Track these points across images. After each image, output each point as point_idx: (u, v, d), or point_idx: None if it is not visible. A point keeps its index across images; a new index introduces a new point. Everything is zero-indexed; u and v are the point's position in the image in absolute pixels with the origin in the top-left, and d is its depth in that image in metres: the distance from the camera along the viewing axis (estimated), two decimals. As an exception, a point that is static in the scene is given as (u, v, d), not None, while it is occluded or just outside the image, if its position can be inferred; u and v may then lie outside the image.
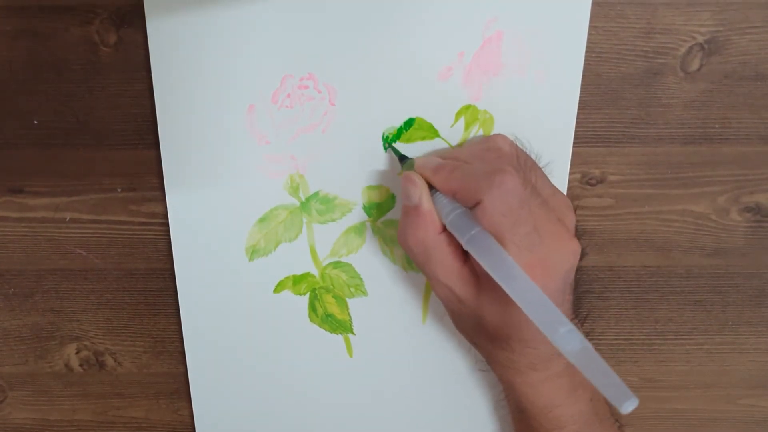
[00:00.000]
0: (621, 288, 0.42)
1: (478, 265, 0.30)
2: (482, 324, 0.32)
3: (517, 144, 0.35)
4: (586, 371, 0.26)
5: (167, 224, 0.39)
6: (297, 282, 0.40)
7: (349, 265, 0.40)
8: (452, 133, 0.37)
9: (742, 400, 0.45)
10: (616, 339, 0.43)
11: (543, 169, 0.34)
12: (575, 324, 0.32)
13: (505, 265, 0.29)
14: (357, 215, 0.39)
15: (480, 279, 0.32)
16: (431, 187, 0.33)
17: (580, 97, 0.36)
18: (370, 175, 0.38)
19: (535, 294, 0.28)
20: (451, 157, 0.33)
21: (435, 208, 0.32)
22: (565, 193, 0.38)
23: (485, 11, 0.34)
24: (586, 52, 0.35)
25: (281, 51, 0.35)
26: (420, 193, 0.32)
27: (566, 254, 0.31)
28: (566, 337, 0.26)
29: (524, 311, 0.28)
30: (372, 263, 0.40)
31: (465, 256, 0.32)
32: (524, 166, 0.33)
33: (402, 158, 0.36)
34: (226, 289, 0.40)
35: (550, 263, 0.30)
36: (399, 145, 0.37)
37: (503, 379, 0.35)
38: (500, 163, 0.32)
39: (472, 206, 0.31)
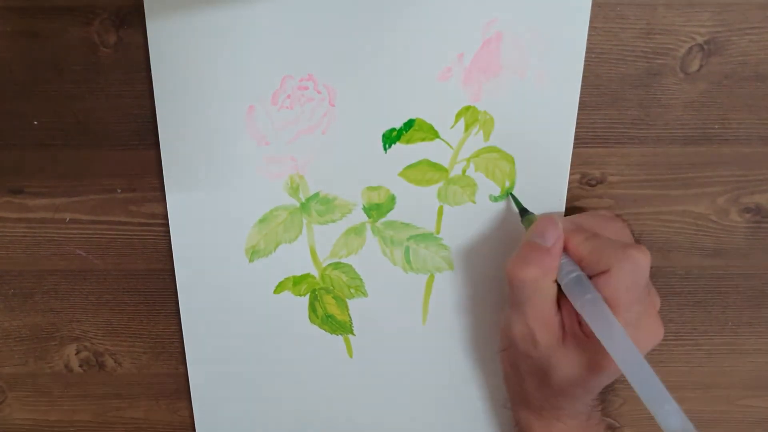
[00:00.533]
0: (621, 289, 0.42)
1: (568, 320, 0.33)
2: (545, 371, 0.33)
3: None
4: None
5: (167, 225, 0.39)
6: (297, 283, 0.40)
7: (349, 266, 0.40)
8: (452, 135, 0.37)
9: (741, 401, 0.45)
10: (615, 339, 0.43)
11: None
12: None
13: (618, 336, 0.29)
14: (357, 216, 0.39)
15: (566, 334, 0.33)
16: None
17: (579, 97, 0.36)
18: (370, 176, 0.38)
19: (643, 368, 0.29)
20: (579, 223, 0.35)
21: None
22: (564, 197, 0.38)
23: (485, 12, 0.34)
24: (586, 52, 0.35)
25: (281, 52, 0.35)
26: (557, 238, 0.33)
27: (655, 339, 0.33)
28: (670, 416, 0.27)
29: (631, 383, 0.29)
30: (372, 264, 0.40)
31: (558, 307, 0.33)
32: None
33: (523, 211, 0.37)
34: (226, 290, 0.40)
35: (642, 344, 0.32)
36: (399, 146, 0.37)
37: (523, 421, 0.37)
38: (630, 243, 0.33)
39: (594, 274, 0.32)
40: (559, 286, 0.33)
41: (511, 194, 0.38)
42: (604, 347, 0.30)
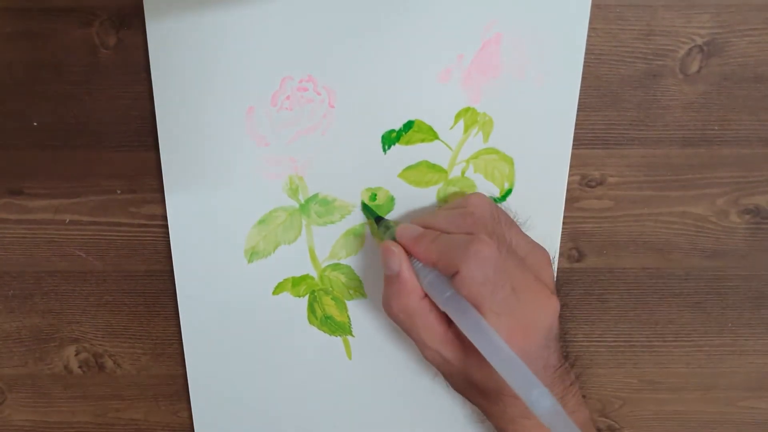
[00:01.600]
0: (620, 290, 0.42)
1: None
2: (472, 382, 0.33)
3: (493, 202, 0.35)
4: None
5: (167, 226, 0.39)
6: (296, 284, 0.40)
7: (348, 267, 0.40)
8: (451, 136, 0.37)
9: (741, 402, 0.45)
10: (615, 341, 0.43)
11: (522, 226, 0.35)
12: (564, 369, 0.33)
13: (480, 329, 0.30)
14: (356, 217, 0.39)
15: (466, 340, 0.32)
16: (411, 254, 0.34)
17: (579, 98, 0.36)
18: (369, 177, 0.38)
19: (508, 356, 0.29)
20: (430, 224, 0.34)
21: (415, 275, 0.33)
22: (563, 198, 0.38)
23: (484, 14, 0.34)
24: (586, 54, 0.35)
25: (280, 53, 0.35)
26: (399, 262, 0.33)
27: (546, 313, 0.32)
28: (539, 398, 0.28)
29: (499, 373, 0.29)
30: (371, 265, 0.40)
31: (448, 321, 0.33)
32: (501, 226, 0.33)
33: (378, 219, 0.37)
34: (225, 291, 0.40)
35: (530, 324, 0.32)
36: (399, 148, 0.37)
37: (498, 427, 0.36)
38: (476, 228, 0.32)
39: (451, 275, 0.31)
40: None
41: (363, 203, 0.38)
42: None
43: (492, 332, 0.29)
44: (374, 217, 0.37)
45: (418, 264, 0.33)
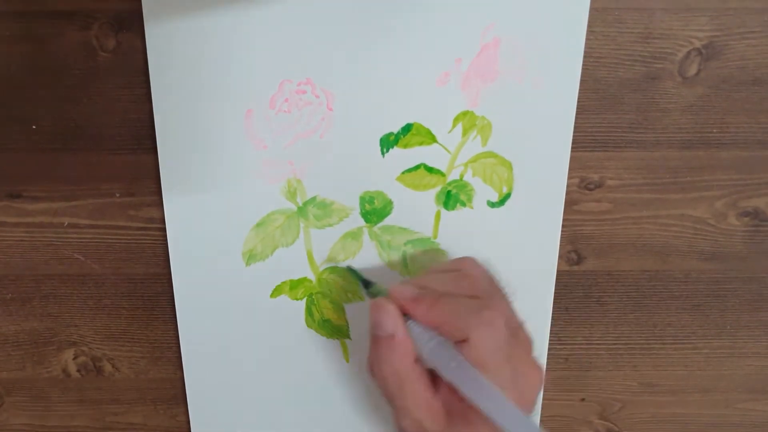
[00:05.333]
0: (619, 292, 0.42)
1: (449, 396, 0.31)
2: None
3: (486, 268, 0.34)
4: None
5: (165, 229, 0.39)
6: (294, 287, 0.40)
7: (347, 270, 0.40)
8: (450, 139, 0.37)
9: (740, 404, 0.45)
10: (614, 343, 0.43)
11: (511, 297, 0.34)
12: None
13: (494, 399, 0.29)
14: (354, 220, 0.39)
15: (451, 410, 0.31)
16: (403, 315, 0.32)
17: (578, 101, 0.36)
18: (368, 180, 0.38)
19: (527, 424, 0.28)
20: (424, 285, 0.32)
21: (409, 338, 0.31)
22: (562, 201, 0.38)
23: (483, 18, 0.34)
24: (585, 57, 0.36)
25: (279, 56, 0.35)
26: (395, 323, 0.31)
27: (537, 384, 0.32)
28: None
29: None
30: (369, 268, 0.40)
31: (434, 387, 0.31)
32: (497, 295, 0.33)
33: (366, 283, 0.36)
34: (223, 294, 0.40)
35: (524, 397, 0.31)
36: (397, 150, 0.37)
37: None
38: (475, 290, 0.32)
39: (455, 341, 0.30)
40: None
41: (349, 267, 0.38)
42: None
43: (508, 402, 0.29)
44: (361, 281, 0.37)
45: (415, 328, 0.31)
